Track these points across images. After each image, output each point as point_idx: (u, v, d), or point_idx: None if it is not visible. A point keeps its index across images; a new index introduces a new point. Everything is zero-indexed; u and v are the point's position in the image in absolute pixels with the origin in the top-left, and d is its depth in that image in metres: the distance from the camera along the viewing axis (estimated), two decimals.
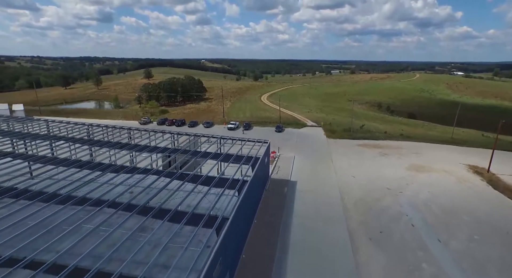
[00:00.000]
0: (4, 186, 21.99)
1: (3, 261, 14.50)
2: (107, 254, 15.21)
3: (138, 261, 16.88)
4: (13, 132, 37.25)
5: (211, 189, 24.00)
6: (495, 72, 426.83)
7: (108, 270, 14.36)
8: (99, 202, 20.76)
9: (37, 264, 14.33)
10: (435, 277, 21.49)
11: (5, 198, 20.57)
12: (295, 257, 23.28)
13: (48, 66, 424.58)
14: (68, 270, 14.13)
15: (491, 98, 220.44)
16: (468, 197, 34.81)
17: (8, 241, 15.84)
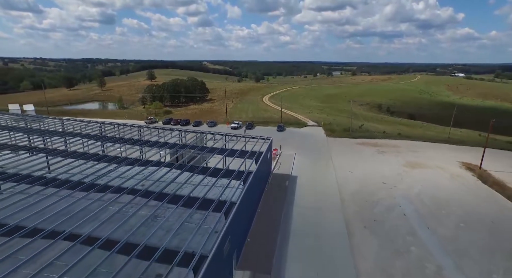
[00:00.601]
0: (35, 175, 24.41)
1: (46, 234, 16.89)
2: (132, 228, 17.59)
3: (158, 234, 19.11)
4: (32, 129, 39.75)
5: (218, 180, 26.35)
6: (496, 73, 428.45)
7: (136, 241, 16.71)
8: (119, 189, 23.17)
9: (74, 236, 16.73)
10: (422, 258, 23.72)
11: (35, 185, 23.00)
12: (295, 242, 25.55)
13: (51, 67, 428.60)
14: (101, 241, 16.51)
15: (491, 100, 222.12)
16: (458, 191, 37.01)
17: (48, 218, 18.25)
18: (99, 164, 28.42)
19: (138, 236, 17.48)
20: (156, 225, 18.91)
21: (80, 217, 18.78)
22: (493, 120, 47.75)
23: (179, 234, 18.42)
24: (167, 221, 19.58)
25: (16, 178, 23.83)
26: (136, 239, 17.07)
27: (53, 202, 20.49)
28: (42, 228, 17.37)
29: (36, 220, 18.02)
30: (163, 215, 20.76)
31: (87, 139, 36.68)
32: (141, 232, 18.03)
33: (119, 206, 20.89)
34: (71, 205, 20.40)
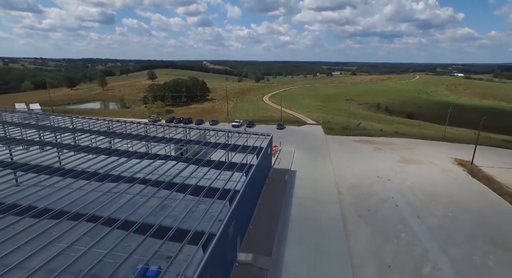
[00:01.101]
0: (65, 168, 26.46)
1: (71, 216, 18.93)
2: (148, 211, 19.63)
3: (170, 217, 21.04)
4: (45, 126, 41.76)
5: (222, 172, 28.33)
6: (495, 73, 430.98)
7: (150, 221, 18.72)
8: (132, 179, 25.18)
9: (96, 218, 18.75)
10: (410, 243, 25.74)
11: (54, 176, 25.02)
12: (294, 229, 27.56)
13: (51, 67, 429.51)
14: (120, 222, 18.53)
15: (489, 99, 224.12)
16: (449, 184, 39.05)
17: (72, 203, 20.27)
18: (111, 157, 30.39)
19: (152, 218, 19.51)
20: (167, 210, 20.91)
21: (99, 203, 20.79)
22: (483, 118, 49.77)
23: (189, 218, 20.37)
24: (177, 207, 21.57)
25: (37, 169, 25.87)
26: (151, 220, 19.10)
27: (72, 190, 22.50)
28: (67, 210, 19.40)
29: (61, 204, 20.05)
30: (172, 202, 22.69)
31: (97, 135, 38.67)
32: (155, 215, 20.07)
33: (132, 194, 22.88)
34: (89, 192, 22.42)
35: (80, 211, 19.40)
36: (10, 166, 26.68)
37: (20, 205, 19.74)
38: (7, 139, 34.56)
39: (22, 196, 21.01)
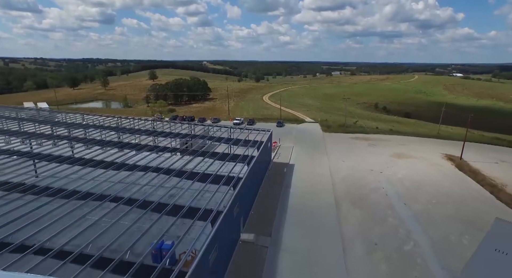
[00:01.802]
0: (85, 158, 29.26)
1: (96, 197, 21.75)
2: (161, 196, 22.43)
3: (182, 198, 23.81)
4: (60, 122, 44.59)
5: (226, 162, 31.11)
6: (494, 73, 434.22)
7: (164, 201, 21.52)
8: (145, 168, 28.01)
9: (118, 198, 21.55)
10: (396, 225, 28.55)
11: (87, 167, 27.82)
12: (292, 214, 30.36)
13: (52, 67, 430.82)
14: (139, 202, 21.32)
15: (487, 99, 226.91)
16: (436, 176, 41.86)
17: (96, 186, 23.08)
18: (123, 150, 33.21)
19: (167, 198, 22.32)
20: (179, 193, 23.71)
21: (119, 187, 23.58)
22: (471, 115, 52.61)
23: (198, 200, 23.14)
24: (187, 191, 24.36)
25: (60, 160, 28.71)
26: (165, 200, 21.91)
27: (94, 177, 25.30)
28: (92, 192, 22.20)
29: (87, 188, 22.87)
30: (184, 185, 25.45)
31: (108, 130, 41.47)
32: (169, 196, 22.89)
33: (147, 180, 25.70)
34: (108, 179, 25.21)
35: (104, 193, 22.21)
36: (47, 158, 29.53)
37: (52, 187, 22.54)
38: (36, 134, 37.36)
39: (53, 181, 23.87)
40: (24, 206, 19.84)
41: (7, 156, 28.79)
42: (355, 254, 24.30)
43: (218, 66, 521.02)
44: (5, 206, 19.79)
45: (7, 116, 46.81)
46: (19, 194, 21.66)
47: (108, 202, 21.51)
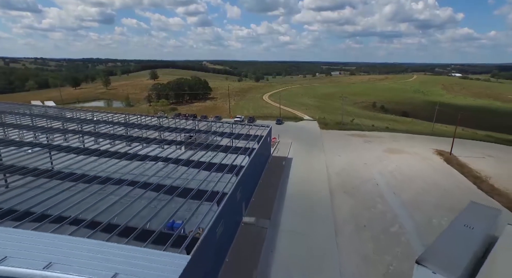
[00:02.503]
0: (101, 149, 32.02)
1: (115, 181, 24.46)
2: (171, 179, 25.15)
3: (192, 182, 26.51)
4: (73, 118, 47.31)
5: (228, 154, 33.84)
6: (493, 73, 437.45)
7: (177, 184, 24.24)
8: (156, 158, 30.75)
9: (134, 182, 24.28)
10: (384, 211, 31.29)
11: (102, 157, 30.56)
12: (289, 201, 33.07)
13: (52, 67, 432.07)
14: (152, 186, 24.02)
15: (484, 99, 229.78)
16: (425, 169, 44.62)
17: (115, 173, 25.82)
18: (134, 142, 35.94)
19: (179, 182, 25.06)
20: (188, 178, 26.44)
21: (134, 174, 26.32)
22: (460, 113, 55.35)
23: (205, 185, 25.85)
24: (195, 178, 27.09)
25: (77, 151, 31.46)
26: (177, 183, 24.65)
27: (112, 164, 28.04)
28: (111, 177, 24.93)
29: (106, 174, 25.61)
30: (190, 174, 28.15)
31: (118, 126, 44.18)
32: (180, 179, 25.63)
33: (158, 168, 28.42)
34: (126, 166, 27.95)
35: (121, 178, 24.94)
36: (66, 149, 32.25)
37: (75, 173, 25.32)
38: (54, 129, 40.09)
39: (76, 168, 26.62)
40: (54, 188, 22.57)
41: (32, 147, 31.57)
42: (345, 234, 27.04)
43: (218, 66, 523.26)
44: (38, 187, 22.52)
45: (22, 113, 49.49)
46: (47, 179, 24.41)
47: (125, 186, 24.22)
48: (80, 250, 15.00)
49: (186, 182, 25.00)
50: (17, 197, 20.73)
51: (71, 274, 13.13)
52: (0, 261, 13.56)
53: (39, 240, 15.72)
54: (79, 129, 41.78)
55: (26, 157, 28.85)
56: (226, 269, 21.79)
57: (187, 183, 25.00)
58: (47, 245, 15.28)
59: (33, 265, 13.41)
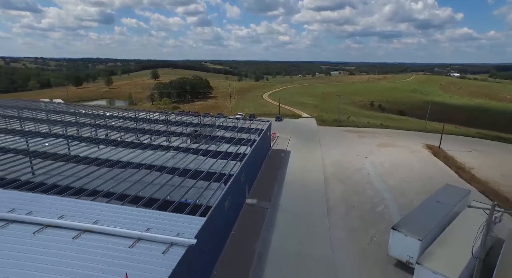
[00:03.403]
0: (118, 140, 35.63)
1: (135, 165, 28.09)
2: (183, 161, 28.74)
3: (203, 165, 30.06)
4: (88, 113, 50.95)
5: (233, 144, 37.43)
6: (491, 73, 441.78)
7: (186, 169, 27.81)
8: (168, 147, 34.34)
9: (151, 166, 27.89)
10: (372, 195, 34.89)
11: (120, 147, 34.16)
12: (287, 186, 36.69)
13: (52, 67, 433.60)
14: (167, 169, 27.63)
15: (480, 98, 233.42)
16: (413, 160, 48.25)
17: (133, 159, 29.40)
18: (145, 135, 39.55)
19: (190, 166, 28.66)
20: (198, 163, 30.05)
21: (151, 159, 29.92)
22: (448, 110, 58.86)
23: (215, 169, 29.44)
24: (204, 163, 30.69)
25: (97, 141, 35.04)
26: (189, 167, 28.26)
27: (130, 152, 31.65)
28: (131, 162, 28.53)
29: (126, 158, 29.22)
30: (199, 160, 31.74)
31: (129, 121, 47.78)
32: (192, 164, 29.23)
33: (170, 155, 32.01)
34: (143, 153, 31.55)
35: (140, 162, 28.55)
36: (86, 140, 35.87)
37: (100, 158, 28.91)
38: (72, 122, 43.69)
39: (100, 154, 30.26)
40: (87, 168, 26.20)
41: (65, 138, 35.33)
42: (336, 213, 30.66)
43: (218, 66, 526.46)
44: (71, 169, 26.16)
45: (47, 109, 53.15)
46: (74, 164, 28.01)
47: (144, 170, 27.79)
48: (116, 213, 18.66)
49: (197, 166, 28.63)
50: (58, 175, 24.45)
51: (116, 227, 16.77)
52: (58, 218, 17.21)
53: (82, 206, 19.39)
54: (105, 123, 45.35)
55: (59, 145, 32.53)
56: (233, 240, 25.40)
57: (197, 166, 28.61)
58: (90, 209, 18.94)
59: (84, 222, 17.05)
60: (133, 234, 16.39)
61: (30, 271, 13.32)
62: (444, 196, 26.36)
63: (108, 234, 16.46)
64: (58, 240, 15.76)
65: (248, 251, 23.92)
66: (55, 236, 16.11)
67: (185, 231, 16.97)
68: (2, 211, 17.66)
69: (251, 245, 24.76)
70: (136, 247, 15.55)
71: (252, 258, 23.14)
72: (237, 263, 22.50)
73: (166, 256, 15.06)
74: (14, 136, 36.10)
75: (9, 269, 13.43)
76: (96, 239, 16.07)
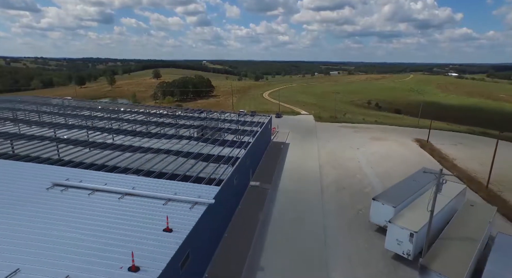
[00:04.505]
0: (136, 130, 40.23)
1: (155, 150, 32.72)
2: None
3: (212, 151, 34.57)
4: (103, 109, 55.52)
5: (237, 135, 41.99)
6: (488, 74, 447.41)
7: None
8: (181, 136, 38.93)
9: (162, 150, 32.51)
10: (361, 179, 39.50)
11: (138, 137, 38.72)
12: (286, 172, 41.24)
13: (53, 67, 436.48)
14: (182, 153, 32.23)
15: (476, 97, 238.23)
16: (401, 151, 52.87)
17: (153, 144, 34.01)
18: (157, 128, 44.11)
19: (203, 150, 33.26)
20: (208, 149, 34.63)
21: (167, 146, 34.50)
22: (434, 107, 63.39)
23: (223, 154, 33.98)
24: (213, 149, 35.26)
25: (117, 131, 39.62)
26: (202, 151, 32.86)
27: (147, 140, 36.24)
28: (151, 147, 33.11)
29: (146, 145, 33.80)
30: (209, 147, 36.31)
31: (142, 115, 52.37)
32: (204, 150, 33.84)
33: (184, 143, 36.60)
34: (159, 141, 36.14)
35: (159, 148, 33.16)
36: (108, 130, 40.46)
37: (124, 145, 33.50)
38: (92, 116, 48.24)
39: (123, 142, 34.83)
40: (115, 152, 30.80)
41: (92, 130, 39.91)
42: (329, 192, 35.25)
43: (217, 66, 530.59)
44: (101, 153, 30.75)
45: (54, 104, 57.66)
46: (101, 149, 32.59)
47: (162, 154, 32.37)
48: (148, 183, 23.28)
49: (208, 151, 33.20)
50: (93, 156, 29.11)
51: (149, 191, 21.36)
52: (103, 185, 21.80)
53: (119, 177, 24.01)
54: (127, 117, 49.95)
55: (92, 135, 37.13)
56: (239, 212, 29.96)
57: (208, 152, 33.19)
58: (126, 180, 23.55)
59: (124, 188, 21.64)
60: (164, 196, 21.00)
61: (88, 221, 17.80)
62: (419, 176, 30.91)
63: (144, 196, 21.08)
64: (107, 200, 20.37)
65: (253, 220, 28.48)
66: (105, 197, 20.74)
67: (205, 195, 21.58)
68: (59, 180, 22.27)
69: (256, 215, 29.34)
70: (169, 205, 20.16)
71: (256, 224, 27.73)
72: (244, 228, 27.06)
73: (192, 210, 19.67)
74: (52, 127, 40.80)
75: (72, 219, 17.93)
76: (136, 199, 20.68)
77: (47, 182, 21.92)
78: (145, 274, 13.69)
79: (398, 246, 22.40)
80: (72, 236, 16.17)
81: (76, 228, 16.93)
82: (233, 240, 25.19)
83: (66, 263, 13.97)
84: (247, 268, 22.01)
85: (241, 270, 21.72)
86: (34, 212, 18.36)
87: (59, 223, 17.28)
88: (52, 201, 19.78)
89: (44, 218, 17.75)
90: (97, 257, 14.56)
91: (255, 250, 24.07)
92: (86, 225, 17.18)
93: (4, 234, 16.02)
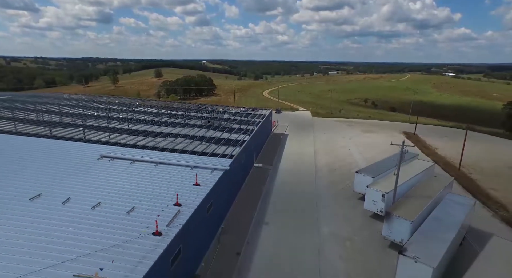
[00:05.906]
0: (154, 120, 46.06)
1: (163, 134, 38.54)
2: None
3: (217, 135, 40.29)
4: (121, 102, 61.21)
5: (241, 125, 47.73)
6: (485, 73, 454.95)
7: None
8: (193, 125, 44.68)
9: (170, 134, 38.34)
10: (351, 162, 45.35)
11: (154, 125, 44.51)
12: (285, 156, 47.10)
13: (53, 66, 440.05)
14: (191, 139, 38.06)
15: (470, 97, 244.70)
16: (388, 141, 58.47)
17: (165, 136, 39.81)
18: (169, 118, 49.91)
19: (214, 136, 39.06)
20: (216, 134, 40.42)
21: (183, 132, 40.29)
22: (422, 105, 69.21)
23: (229, 138, 39.72)
24: (223, 134, 41.04)
25: (131, 120, 45.42)
26: (214, 136, 38.67)
27: (164, 128, 42.02)
28: (171, 133, 38.88)
29: (158, 130, 39.59)
30: (218, 133, 42.07)
31: (156, 108, 58.09)
32: (214, 135, 39.65)
33: (196, 130, 42.35)
34: (175, 128, 41.89)
35: (178, 133, 38.94)
36: (126, 121, 46.19)
37: (145, 131, 39.33)
38: (110, 109, 53.91)
39: (143, 130, 40.63)
40: (139, 137, 36.61)
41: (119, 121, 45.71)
42: (322, 172, 41.10)
43: (217, 65, 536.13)
44: (127, 138, 36.54)
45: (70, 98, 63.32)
46: (126, 134, 38.35)
47: (180, 138, 38.12)
48: (174, 156, 29.06)
49: (219, 136, 39.05)
50: (124, 139, 34.93)
51: (176, 162, 27.14)
52: (140, 157, 27.56)
53: (150, 152, 29.80)
54: (149, 111, 55.65)
55: (122, 123, 42.95)
56: (245, 187, 35.75)
57: (219, 136, 39.03)
58: (156, 154, 29.33)
59: (156, 159, 27.43)
60: (189, 164, 26.82)
61: (134, 180, 23.61)
62: (395, 156, 36.70)
63: (174, 165, 26.88)
64: (146, 167, 26.17)
65: (257, 191, 34.30)
66: (143, 165, 26.54)
67: (221, 164, 27.40)
68: (104, 153, 28.06)
69: (260, 188, 35.17)
70: (194, 170, 25.94)
71: (260, 194, 33.57)
72: (251, 196, 32.87)
73: (213, 173, 25.49)
74: (80, 118, 46.49)
75: (119, 181, 23.68)
76: (167, 167, 26.48)
77: (96, 155, 27.70)
78: (185, 207, 19.51)
79: (373, 205, 28.23)
80: (127, 187, 22.00)
81: (129, 183, 22.74)
82: (242, 205, 30.99)
83: (132, 201, 19.88)
84: (255, 222, 27.82)
85: (249, 225, 27.51)
86: (92, 174, 24.15)
87: (114, 182, 23.06)
88: (105, 167, 25.57)
89: (102, 178, 23.54)
90: (152, 197, 20.49)
91: (260, 211, 29.89)
92: (134, 182, 22.98)
93: (77, 188, 21.84)
